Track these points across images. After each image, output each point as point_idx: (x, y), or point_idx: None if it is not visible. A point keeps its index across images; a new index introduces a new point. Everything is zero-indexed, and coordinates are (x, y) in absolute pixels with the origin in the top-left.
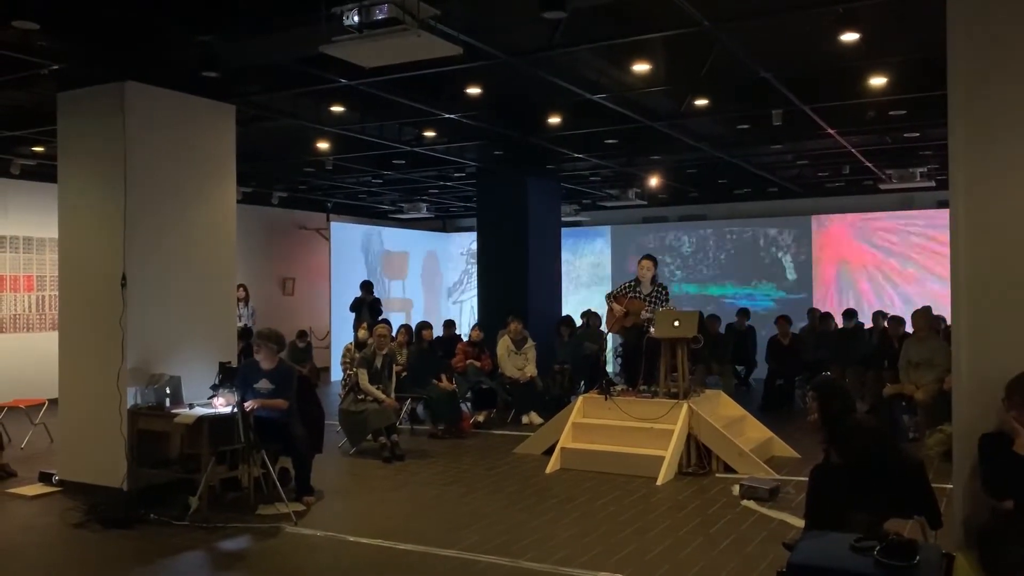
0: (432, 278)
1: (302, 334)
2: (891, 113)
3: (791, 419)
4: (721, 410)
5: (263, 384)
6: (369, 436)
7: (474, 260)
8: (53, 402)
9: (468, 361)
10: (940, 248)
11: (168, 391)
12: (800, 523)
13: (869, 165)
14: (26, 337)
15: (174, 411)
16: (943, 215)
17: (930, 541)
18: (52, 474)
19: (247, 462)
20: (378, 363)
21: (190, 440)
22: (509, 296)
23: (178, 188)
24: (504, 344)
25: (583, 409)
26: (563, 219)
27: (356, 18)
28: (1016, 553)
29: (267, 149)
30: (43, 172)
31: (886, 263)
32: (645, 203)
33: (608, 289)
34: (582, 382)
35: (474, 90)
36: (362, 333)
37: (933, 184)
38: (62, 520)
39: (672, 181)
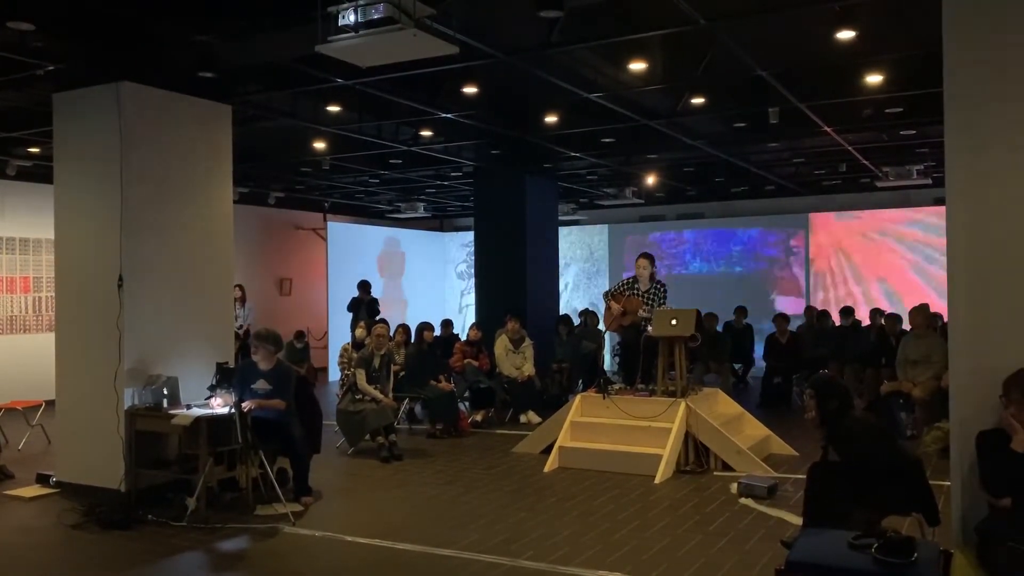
0: (429, 277)
1: (300, 334)
2: (888, 111)
3: (789, 417)
4: (719, 408)
5: (261, 385)
6: (367, 436)
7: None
8: (50, 403)
9: (466, 360)
10: (937, 245)
11: (166, 392)
12: (798, 521)
13: (866, 163)
14: (23, 338)
15: (172, 412)
16: (940, 212)
17: (928, 538)
18: (50, 475)
19: (245, 463)
20: (376, 363)
21: (188, 441)
22: (507, 295)
23: (175, 188)
24: (502, 343)
25: (581, 408)
26: (560, 218)
27: (352, 17)
28: (1014, 550)
29: (264, 149)
30: (39, 173)
31: (884, 260)
32: (642, 202)
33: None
34: (580, 381)
35: (471, 89)
36: (359, 332)
37: (930, 182)
38: (60, 521)
39: (669, 180)
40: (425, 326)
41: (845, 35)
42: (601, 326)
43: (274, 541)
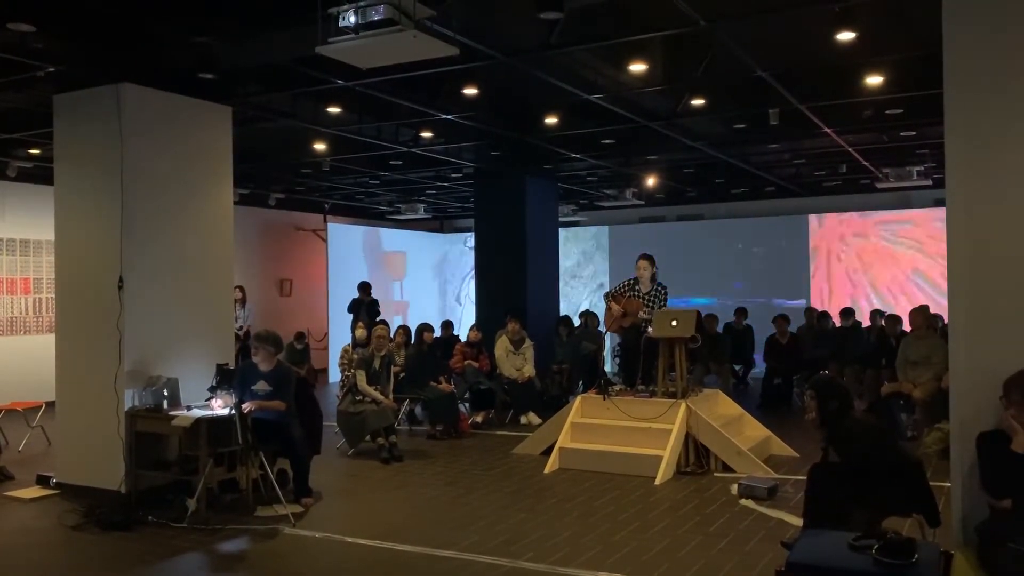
0: (430, 279)
1: (300, 336)
2: (888, 112)
3: (789, 418)
4: (719, 409)
5: (261, 386)
6: (367, 437)
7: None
8: (51, 405)
9: (466, 362)
10: (937, 246)
11: (166, 393)
12: (798, 522)
13: (866, 164)
14: (23, 340)
15: (172, 413)
16: (940, 213)
17: (928, 539)
18: (50, 477)
19: (245, 464)
20: (376, 364)
21: (188, 442)
22: (507, 296)
23: (175, 190)
24: (502, 344)
25: (581, 409)
26: (560, 219)
27: (352, 19)
28: (1014, 551)
29: (264, 150)
30: (39, 174)
31: (883, 262)
32: (642, 203)
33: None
34: (580, 382)
35: (471, 91)
36: (359, 332)
37: (930, 183)
38: (60, 523)
39: (669, 181)
40: (425, 327)
41: (845, 36)
42: (601, 327)
43: (274, 542)
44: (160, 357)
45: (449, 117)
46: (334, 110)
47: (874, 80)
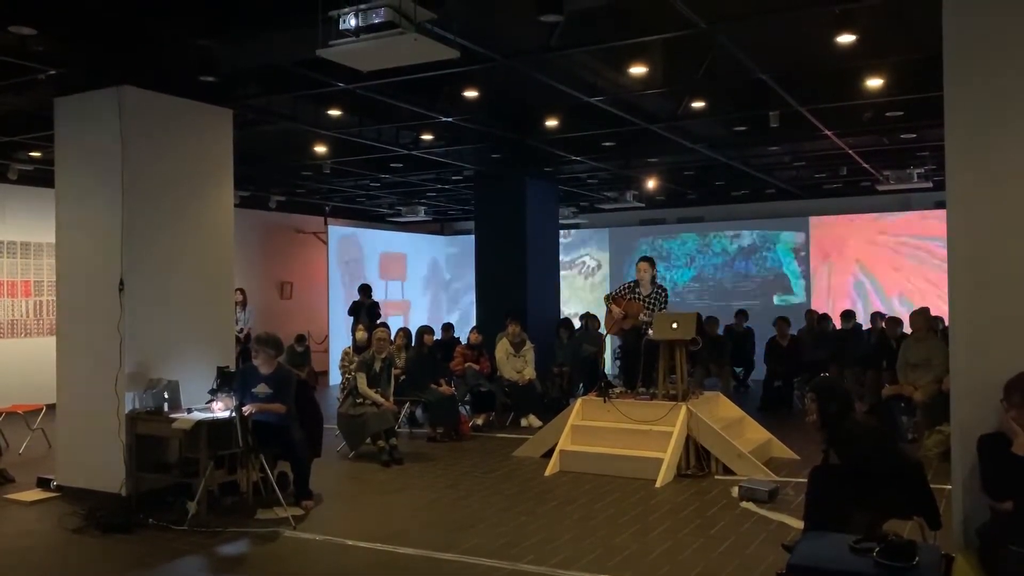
0: (430, 281)
1: (300, 338)
2: (888, 114)
3: (790, 420)
4: (720, 412)
5: (261, 388)
6: (368, 440)
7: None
8: (51, 407)
9: (467, 364)
10: (938, 249)
11: (166, 395)
12: (799, 524)
13: (866, 166)
14: (24, 342)
15: (172, 415)
16: (940, 216)
17: (929, 542)
18: (50, 479)
19: (246, 466)
20: (377, 367)
21: (189, 444)
22: (508, 298)
23: (176, 192)
24: (503, 346)
25: (582, 411)
26: (561, 221)
27: (353, 22)
28: (1015, 554)
29: (265, 153)
30: (40, 177)
31: (884, 264)
32: (643, 205)
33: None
34: (581, 384)
35: (471, 93)
36: (360, 334)
37: (930, 185)
38: (60, 525)
39: (670, 183)
40: (425, 329)
41: (845, 39)
42: (602, 329)
43: (275, 545)
44: (160, 359)
45: (449, 120)
46: (335, 113)
47: (874, 82)
